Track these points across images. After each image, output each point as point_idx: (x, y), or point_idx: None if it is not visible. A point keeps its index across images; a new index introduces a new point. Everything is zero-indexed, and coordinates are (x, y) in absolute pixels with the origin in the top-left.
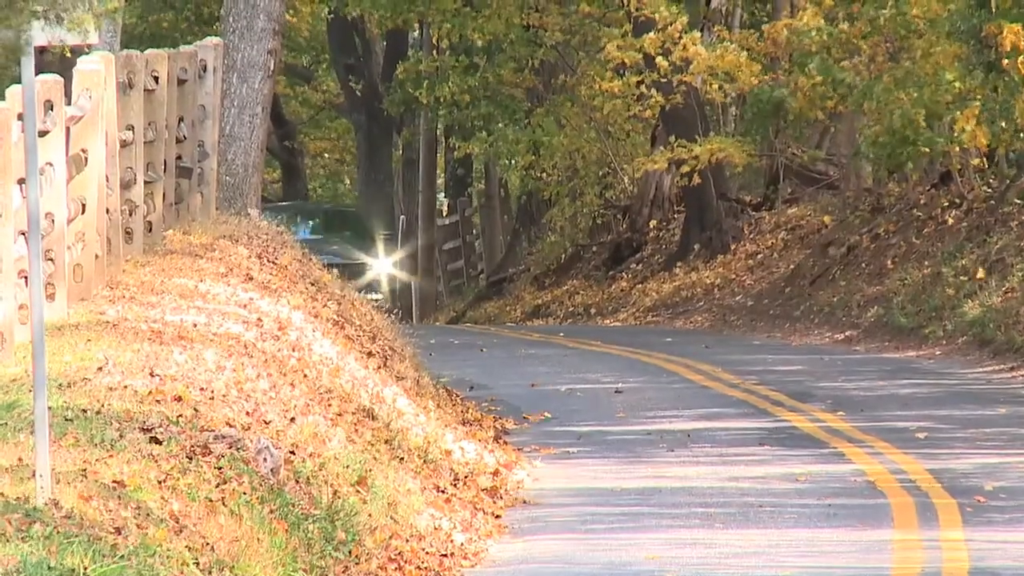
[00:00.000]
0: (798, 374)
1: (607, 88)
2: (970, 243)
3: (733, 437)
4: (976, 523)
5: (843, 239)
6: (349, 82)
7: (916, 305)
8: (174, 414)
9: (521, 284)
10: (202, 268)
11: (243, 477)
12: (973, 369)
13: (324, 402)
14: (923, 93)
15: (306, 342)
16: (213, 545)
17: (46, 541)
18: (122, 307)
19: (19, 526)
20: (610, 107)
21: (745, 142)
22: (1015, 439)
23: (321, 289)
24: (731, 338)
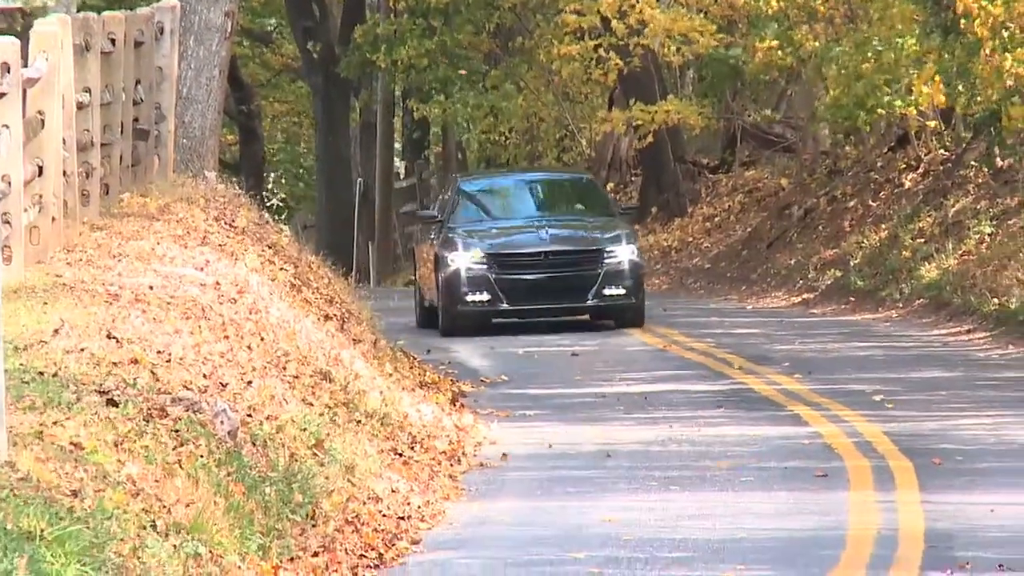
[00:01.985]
0: (755, 337)
1: (565, 52)
2: (927, 206)
3: (690, 400)
4: (932, 485)
5: (800, 202)
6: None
7: (873, 268)
8: (131, 377)
9: None
10: (159, 231)
11: (200, 440)
12: (930, 332)
13: (281, 365)
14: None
15: (263, 305)
16: (170, 508)
17: (2, 504)
18: (79, 270)
19: None
20: (568, 71)
21: (702, 105)
22: (971, 401)
23: (278, 252)
24: (688, 301)
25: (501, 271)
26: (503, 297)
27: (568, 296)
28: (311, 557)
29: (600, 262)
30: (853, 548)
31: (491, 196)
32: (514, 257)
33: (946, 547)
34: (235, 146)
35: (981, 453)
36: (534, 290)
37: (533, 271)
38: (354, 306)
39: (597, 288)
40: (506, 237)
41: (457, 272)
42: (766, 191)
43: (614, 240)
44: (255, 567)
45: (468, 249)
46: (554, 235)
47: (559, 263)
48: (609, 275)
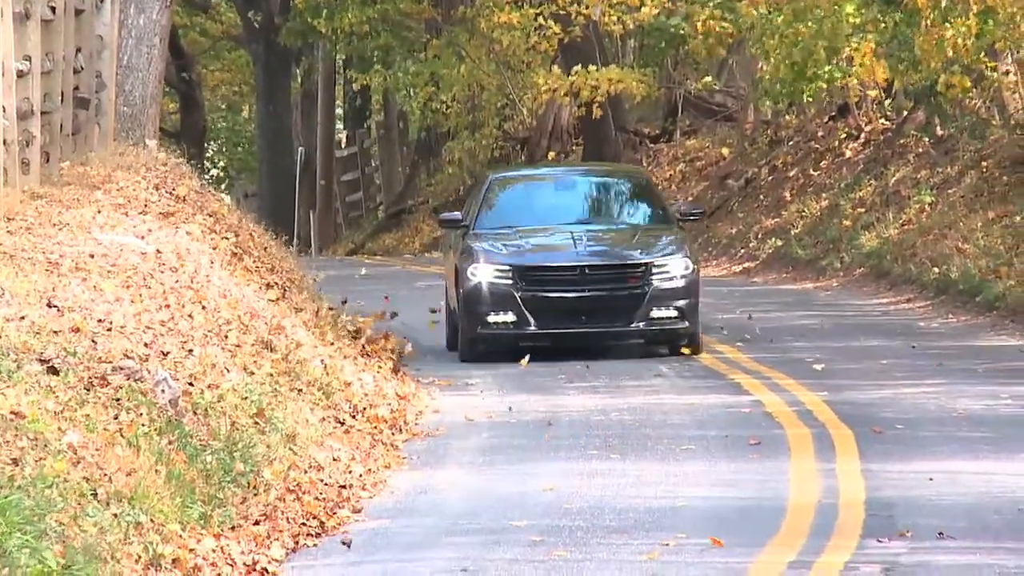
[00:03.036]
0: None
1: (505, 20)
2: (868, 175)
3: (631, 369)
4: (873, 454)
5: (741, 171)
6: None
7: (814, 237)
8: (72, 345)
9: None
10: (100, 199)
11: (141, 409)
12: (870, 300)
13: (222, 334)
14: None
15: (204, 274)
16: (111, 476)
17: None
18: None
19: None
20: (509, 39)
21: (644, 74)
22: (912, 370)
23: (219, 220)
24: None
25: (529, 288)
26: (531, 319)
27: (609, 318)
28: (252, 526)
29: (648, 279)
30: (794, 517)
31: (525, 197)
32: (545, 272)
33: (886, 515)
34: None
35: (921, 422)
36: (568, 311)
37: (568, 288)
38: (296, 275)
39: (644, 309)
40: (538, 247)
41: (478, 288)
42: (707, 160)
43: (666, 252)
44: (196, 535)
45: (491, 261)
46: (593, 246)
47: (599, 279)
48: (658, 294)
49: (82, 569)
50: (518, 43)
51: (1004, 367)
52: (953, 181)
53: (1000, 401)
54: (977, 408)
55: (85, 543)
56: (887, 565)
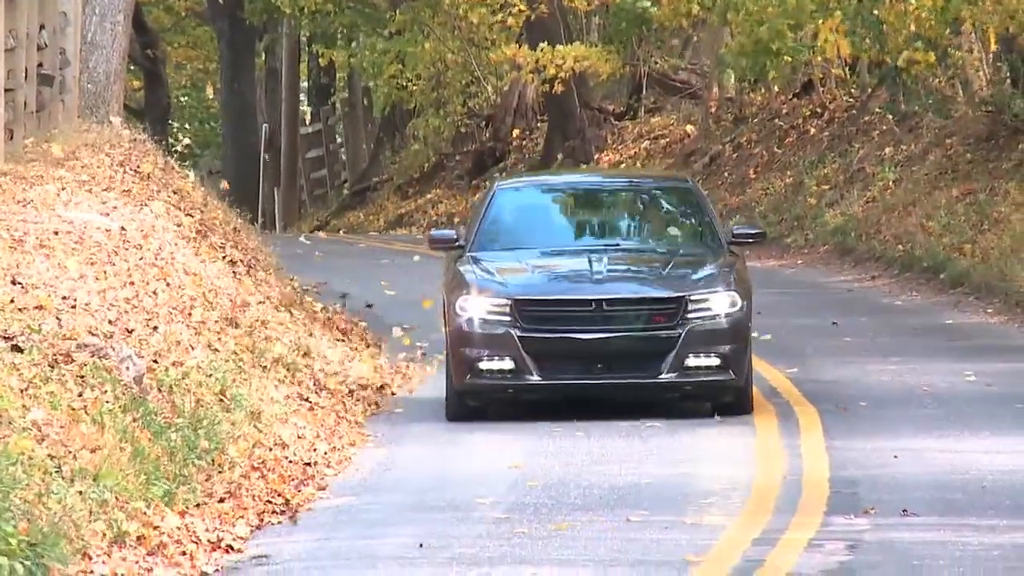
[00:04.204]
0: None
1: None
2: (832, 153)
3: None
4: (837, 431)
5: (706, 149)
6: None
7: (778, 214)
8: (36, 322)
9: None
10: (64, 176)
11: (106, 386)
12: (835, 277)
13: (187, 311)
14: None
15: (169, 251)
16: (76, 454)
17: None
18: None
19: None
20: (475, 16)
21: (608, 51)
22: (876, 348)
23: (184, 198)
24: None
25: (531, 327)
26: (533, 367)
27: (631, 368)
28: (217, 503)
29: (682, 317)
30: (758, 494)
31: (538, 211)
32: (551, 306)
33: (851, 493)
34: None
35: (886, 399)
36: (580, 357)
37: (580, 328)
38: (260, 253)
39: (677, 356)
40: (544, 275)
41: (468, 326)
42: (672, 138)
43: (707, 284)
44: (161, 513)
45: (485, 292)
46: (615, 274)
47: (619, 317)
48: (695, 337)
49: (47, 546)
50: (483, 20)
51: (968, 344)
52: (917, 158)
53: (964, 378)
54: (941, 385)
55: (50, 520)
56: (851, 542)
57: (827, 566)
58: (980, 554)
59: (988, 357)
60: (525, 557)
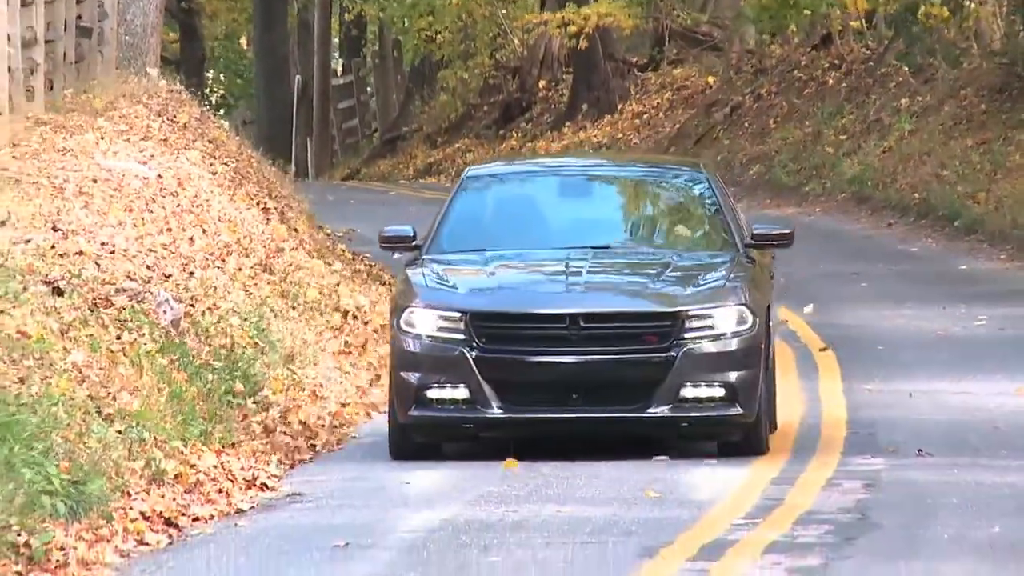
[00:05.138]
0: None
1: None
2: (849, 104)
3: None
4: (854, 374)
5: (727, 100)
6: None
7: (797, 163)
8: (76, 268)
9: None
10: (103, 126)
11: (144, 329)
12: (852, 225)
13: (222, 257)
14: None
15: (204, 198)
16: (115, 395)
17: None
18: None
19: None
20: None
21: (631, 6)
22: (892, 293)
23: (219, 147)
24: None
25: (490, 347)
26: (493, 396)
27: (613, 399)
28: (251, 442)
29: (678, 337)
30: (778, 435)
31: (513, 205)
32: (514, 322)
33: (868, 433)
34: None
35: (902, 343)
36: (551, 385)
37: (550, 349)
38: (293, 200)
39: (670, 385)
40: (509, 284)
41: (414, 345)
42: (693, 89)
43: (710, 295)
44: (197, 452)
45: (434, 304)
46: (595, 282)
47: (599, 336)
48: (694, 361)
49: (87, 484)
50: None
51: (981, 289)
52: (933, 109)
53: (977, 322)
54: (955, 329)
55: (90, 459)
56: (868, 481)
57: (844, 504)
58: (992, 492)
59: (1001, 302)
60: (551, 496)
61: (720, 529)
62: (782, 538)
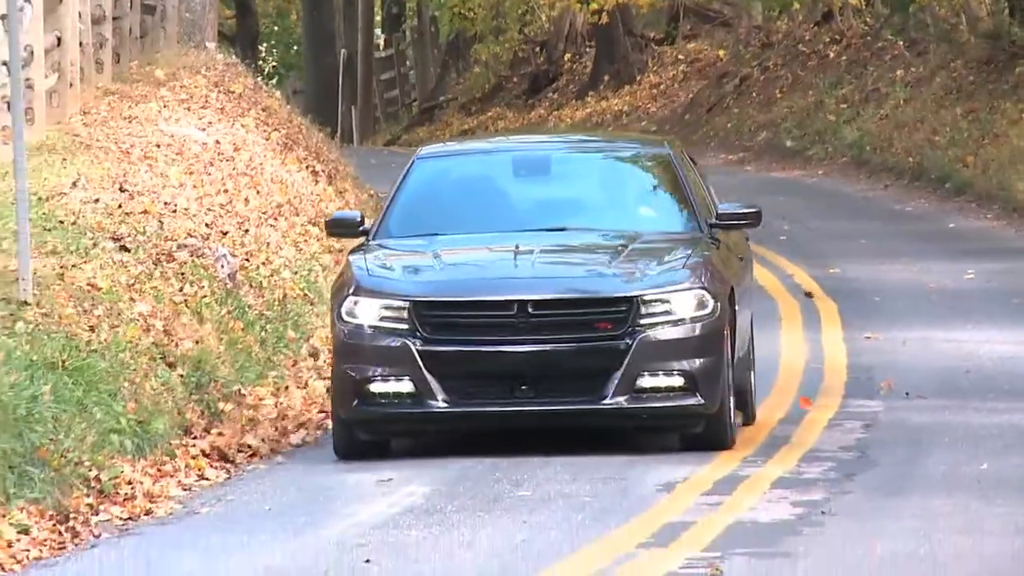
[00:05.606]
0: None
1: None
2: (849, 75)
3: None
4: (854, 323)
5: (736, 71)
6: None
7: (801, 129)
8: (141, 225)
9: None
10: (165, 96)
11: (203, 282)
12: (852, 186)
13: (275, 215)
14: None
15: (258, 162)
16: (177, 342)
17: (28, 337)
18: (94, 130)
19: (4, 324)
20: None
21: None
22: (888, 249)
23: (271, 115)
24: None
25: (435, 338)
26: (438, 390)
27: (565, 390)
28: (303, 388)
29: (633, 323)
30: (784, 378)
31: (467, 187)
32: (459, 310)
33: (866, 378)
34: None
35: (897, 295)
36: (499, 377)
37: (497, 339)
38: (340, 163)
39: (626, 375)
40: (455, 269)
41: (356, 336)
42: (706, 62)
43: (666, 278)
44: (253, 395)
45: (376, 292)
46: (544, 266)
47: (549, 324)
48: (650, 349)
49: (151, 424)
50: None
51: (970, 246)
52: (925, 80)
53: (967, 276)
54: (946, 282)
55: (154, 400)
56: (867, 421)
57: (845, 443)
58: (981, 432)
59: (988, 257)
60: (578, 441)
61: (731, 466)
62: (788, 474)
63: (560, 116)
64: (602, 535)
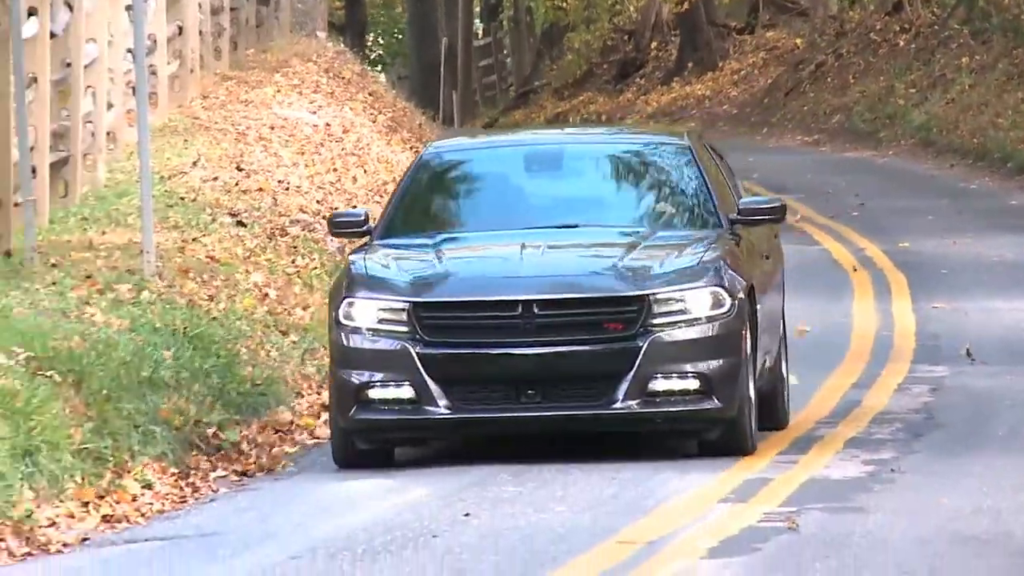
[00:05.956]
0: (775, 170)
1: None
2: (917, 62)
3: None
4: (922, 294)
5: (812, 58)
6: None
7: (873, 113)
8: (256, 202)
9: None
10: (279, 81)
11: (314, 255)
12: (919, 166)
13: (381, 193)
14: None
15: (365, 142)
16: (289, 311)
17: (152, 306)
18: (213, 112)
19: (131, 293)
20: None
21: None
22: (953, 225)
23: (378, 99)
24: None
25: (436, 340)
26: (440, 395)
27: (573, 394)
28: None
29: (643, 323)
30: (856, 346)
31: (475, 182)
32: (461, 311)
33: (933, 345)
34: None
35: (961, 267)
36: (503, 382)
37: (502, 341)
38: None
39: (636, 378)
40: (457, 269)
41: (353, 339)
42: (784, 49)
43: (681, 276)
44: None
45: (375, 293)
46: (551, 264)
47: (555, 325)
48: (662, 350)
49: (267, 387)
50: None
51: None
52: (989, 67)
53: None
54: (1009, 256)
55: (269, 366)
56: (934, 385)
57: (912, 406)
58: None
59: None
60: None
61: (806, 428)
62: (860, 435)
63: (647, 100)
64: (685, 490)
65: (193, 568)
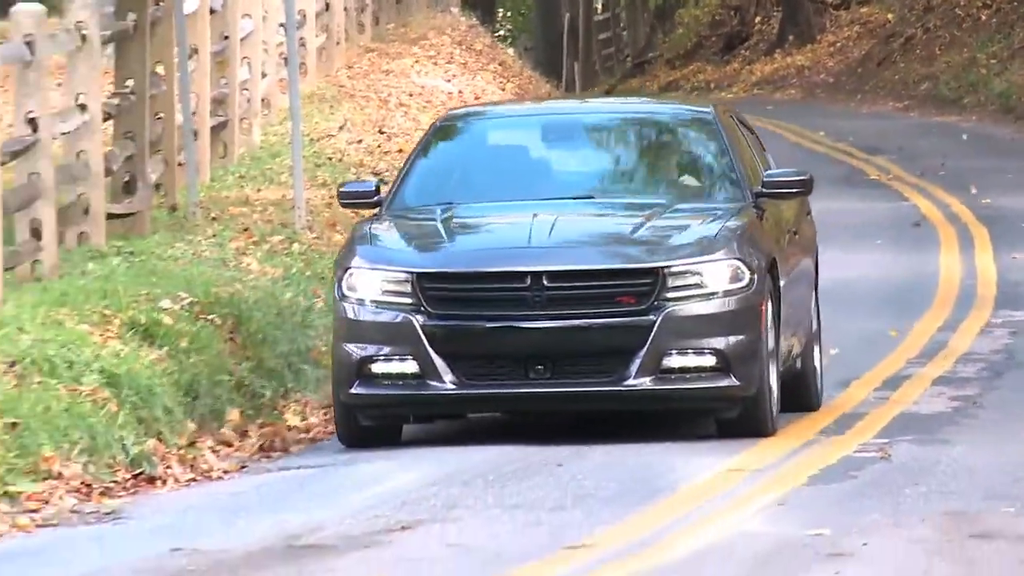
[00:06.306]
0: (868, 133)
1: None
2: (998, 34)
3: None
4: (1003, 245)
5: (902, 32)
6: None
7: (957, 81)
8: (397, 163)
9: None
10: (417, 53)
11: None
12: (1000, 130)
13: None
14: None
15: None
16: None
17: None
18: (357, 81)
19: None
20: None
21: None
22: None
23: (506, 69)
24: (816, 107)
25: (441, 313)
26: (445, 370)
27: (584, 370)
28: None
29: (657, 296)
30: (943, 291)
31: (490, 152)
32: (468, 283)
33: (1014, 292)
34: None
35: None
36: (511, 356)
37: (510, 315)
38: None
39: (650, 353)
40: (465, 240)
41: (356, 311)
42: (876, 23)
43: (697, 248)
44: None
45: (378, 263)
46: (563, 236)
47: (565, 298)
48: (677, 325)
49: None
50: None
51: None
52: None
53: None
54: None
55: None
56: (1014, 328)
57: (995, 347)
58: None
59: None
60: None
61: (897, 367)
62: (946, 373)
63: (751, 70)
64: (790, 422)
65: (340, 493)
